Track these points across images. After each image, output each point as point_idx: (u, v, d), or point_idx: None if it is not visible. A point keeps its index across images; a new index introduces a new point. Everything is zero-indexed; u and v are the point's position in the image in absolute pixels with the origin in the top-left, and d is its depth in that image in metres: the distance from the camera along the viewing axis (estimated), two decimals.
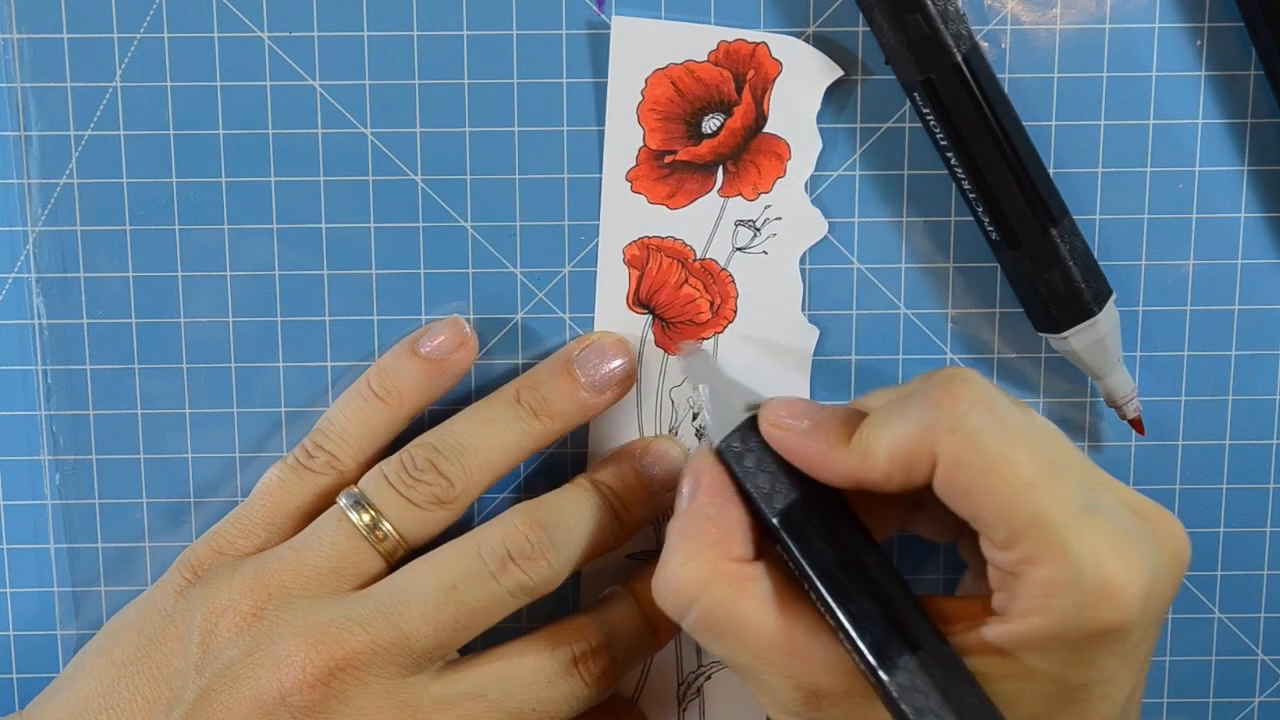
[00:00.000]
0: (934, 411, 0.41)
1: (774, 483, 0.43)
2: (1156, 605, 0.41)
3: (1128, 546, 0.40)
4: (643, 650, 0.49)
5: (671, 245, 0.50)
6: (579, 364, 0.49)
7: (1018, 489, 0.39)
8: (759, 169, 0.49)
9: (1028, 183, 0.46)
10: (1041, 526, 0.39)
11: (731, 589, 0.42)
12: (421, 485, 0.47)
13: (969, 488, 0.40)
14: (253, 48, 0.49)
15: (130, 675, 0.47)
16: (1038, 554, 0.39)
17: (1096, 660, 0.40)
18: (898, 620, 0.41)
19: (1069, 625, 0.39)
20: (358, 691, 0.45)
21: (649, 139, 0.49)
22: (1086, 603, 0.39)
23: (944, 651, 0.40)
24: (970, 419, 0.40)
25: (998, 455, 0.40)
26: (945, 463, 0.40)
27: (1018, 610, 0.40)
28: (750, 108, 0.49)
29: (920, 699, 0.39)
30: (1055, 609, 0.39)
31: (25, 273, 0.50)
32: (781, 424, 0.43)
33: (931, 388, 0.41)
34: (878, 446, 0.41)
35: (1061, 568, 0.39)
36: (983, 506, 0.40)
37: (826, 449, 0.42)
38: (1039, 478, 0.40)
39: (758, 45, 0.48)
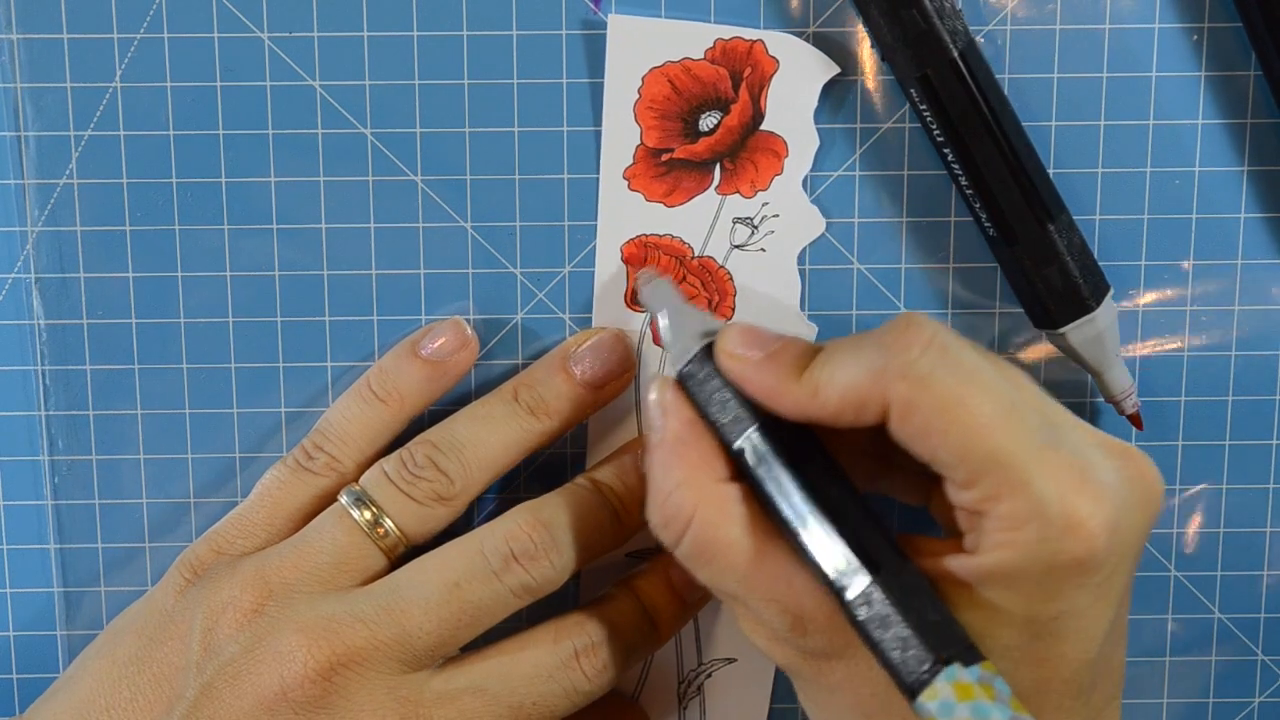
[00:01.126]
0: (885, 355, 0.41)
1: (732, 410, 0.43)
2: (1126, 538, 0.40)
3: (1091, 479, 0.40)
4: (643, 646, 0.49)
5: (669, 243, 0.50)
6: (576, 361, 0.49)
7: (974, 428, 0.40)
8: (756, 167, 0.49)
9: (1024, 178, 0.46)
10: (1001, 464, 0.39)
11: (717, 510, 0.43)
12: (422, 482, 0.47)
13: (924, 430, 0.40)
14: (253, 48, 0.49)
15: (131, 675, 0.47)
16: (999, 490, 0.39)
17: (1065, 593, 0.40)
18: (859, 542, 0.41)
19: (1034, 558, 0.39)
20: (359, 687, 0.45)
21: (646, 137, 0.49)
22: (1050, 535, 0.39)
23: (906, 569, 0.41)
24: (922, 363, 0.40)
25: (952, 397, 0.40)
26: (897, 407, 0.40)
27: (984, 545, 0.40)
28: (747, 105, 0.49)
29: (880, 614, 0.40)
30: (1019, 542, 0.39)
31: (24, 273, 0.50)
32: (734, 353, 0.43)
33: (884, 332, 0.41)
34: (829, 386, 0.41)
35: (1023, 502, 0.39)
36: (939, 447, 0.40)
37: (777, 382, 0.42)
38: (996, 416, 0.40)
39: (754, 43, 0.48)
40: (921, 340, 0.41)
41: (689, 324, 0.45)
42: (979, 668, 0.39)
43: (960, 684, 0.38)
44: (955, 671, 0.39)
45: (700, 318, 0.45)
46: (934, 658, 0.39)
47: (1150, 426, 0.51)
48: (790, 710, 0.53)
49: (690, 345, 0.44)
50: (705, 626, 0.52)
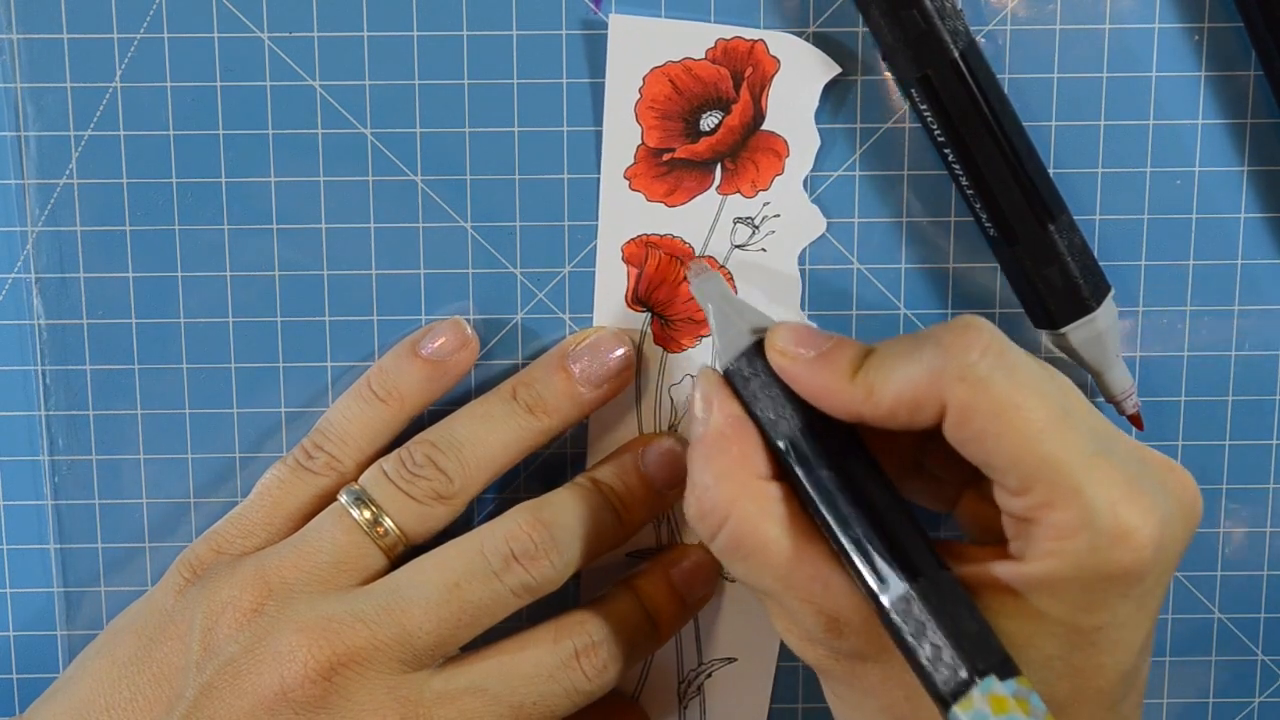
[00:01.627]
0: (944, 357, 0.40)
1: (779, 408, 0.43)
2: (1169, 551, 0.41)
3: (1140, 490, 0.40)
4: (643, 646, 0.49)
5: (670, 243, 0.50)
6: (575, 359, 0.49)
7: (1030, 434, 0.40)
8: (757, 166, 0.49)
9: (1025, 178, 0.46)
10: (1054, 470, 0.39)
11: (757, 507, 0.42)
12: (421, 481, 0.47)
13: (981, 434, 0.40)
14: (253, 48, 0.49)
15: (131, 675, 0.47)
16: (1051, 498, 0.39)
17: (1110, 604, 0.40)
18: (898, 547, 0.41)
19: (1083, 568, 0.39)
20: (359, 687, 0.45)
21: (647, 137, 0.49)
22: (1100, 545, 0.39)
23: (943, 578, 0.41)
24: (981, 366, 0.40)
25: (1009, 402, 0.40)
26: (955, 410, 0.40)
27: (1032, 554, 0.40)
28: (748, 105, 0.49)
29: (918, 622, 0.40)
30: (1069, 551, 0.39)
31: (24, 273, 0.50)
32: (788, 352, 0.43)
33: (943, 333, 0.41)
34: (884, 386, 0.41)
35: (1075, 511, 0.39)
36: (995, 453, 0.40)
37: (831, 381, 0.42)
38: (1051, 423, 0.40)
39: (755, 42, 0.48)
40: (981, 343, 0.41)
41: (739, 319, 0.45)
42: (1015, 681, 0.39)
43: (995, 696, 0.38)
44: (991, 684, 0.38)
45: (751, 313, 0.45)
46: (970, 668, 0.39)
47: (1150, 427, 0.51)
48: (790, 710, 0.53)
49: (740, 341, 0.44)
50: (705, 626, 0.52)
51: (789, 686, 0.53)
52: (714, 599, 0.51)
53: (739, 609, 0.52)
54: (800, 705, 0.53)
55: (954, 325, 0.41)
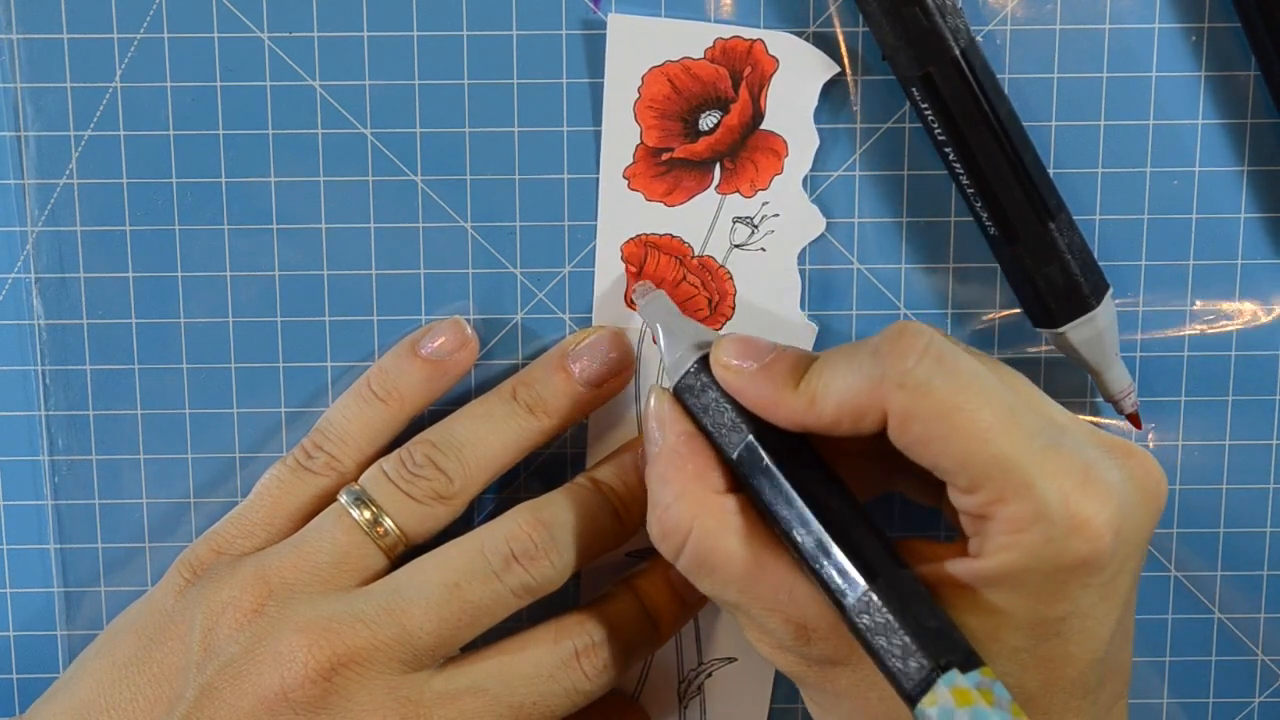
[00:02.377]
0: (881, 365, 0.41)
1: (730, 420, 0.43)
2: (1131, 536, 0.41)
3: (1094, 479, 0.40)
4: (643, 646, 0.49)
5: (669, 242, 0.50)
6: (574, 359, 0.49)
7: (974, 434, 0.40)
8: (756, 166, 0.49)
9: (1025, 177, 0.46)
10: (1003, 468, 0.39)
11: (716, 521, 0.43)
12: (421, 481, 0.47)
13: (924, 438, 0.40)
14: (253, 48, 0.49)
15: (131, 675, 0.47)
16: (1002, 494, 0.40)
17: (1071, 594, 0.40)
18: (856, 549, 0.41)
19: (1039, 559, 0.40)
20: (359, 687, 0.45)
21: (646, 136, 0.49)
22: (1055, 536, 0.39)
23: (902, 576, 0.41)
24: (918, 371, 0.40)
25: (951, 404, 0.40)
26: (896, 417, 0.40)
27: (989, 548, 0.40)
28: (747, 105, 0.49)
29: (879, 622, 0.40)
30: (1024, 544, 0.40)
31: (24, 273, 0.50)
32: (730, 365, 0.44)
33: (880, 341, 0.41)
34: (825, 396, 0.42)
35: (1027, 504, 0.39)
36: (940, 455, 0.40)
37: (774, 392, 0.43)
38: (996, 421, 0.40)
39: (754, 42, 0.48)
40: (917, 348, 0.41)
41: (685, 335, 0.46)
42: (978, 673, 0.39)
43: (959, 689, 0.38)
44: (954, 677, 0.39)
45: (695, 329, 0.46)
46: (932, 664, 0.39)
47: (1150, 426, 0.51)
48: (790, 710, 0.53)
49: (686, 357, 0.45)
50: (705, 626, 0.52)
51: (789, 686, 0.53)
52: None
53: None
54: (800, 705, 0.53)
55: (890, 332, 0.42)
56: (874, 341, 0.42)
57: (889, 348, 0.41)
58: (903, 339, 0.41)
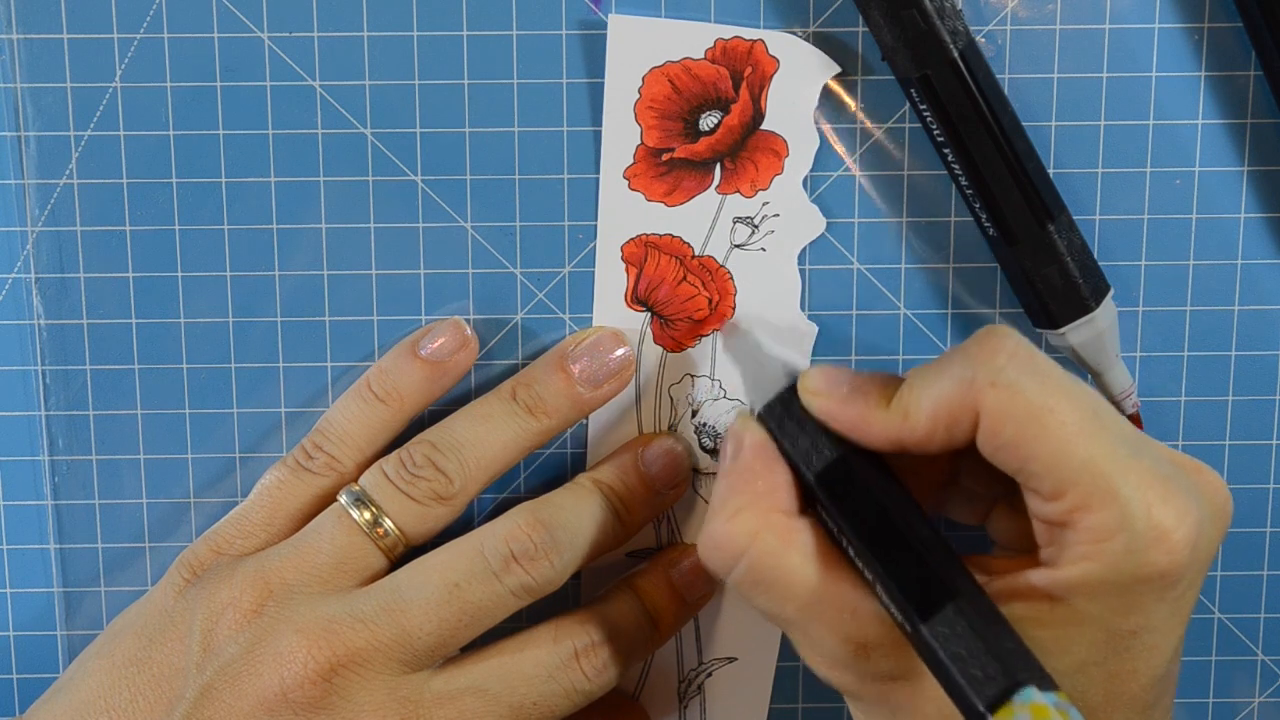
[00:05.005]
0: (973, 367, 0.41)
1: (813, 444, 0.43)
2: (1204, 553, 0.41)
3: (1174, 492, 0.40)
4: (643, 646, 0.49)
5: (669, 242, 0.50)
6: (574, 359, 0.49)
7: (1064, 437, 0.39)
8: (757, 166, 0.49)
9: (1024, 178, 0.46)
10: (1090, 472, 0.39)
11: (779, 540, 0.42)
12: (421, 482, 0.47)
13: (1015, 439, 0.40)
14: (253, 48, 0.49)
15: (131, 676, 0.47)
16: (1087, 500, 0.39)
17: (1146, 607, 0.40)
18: (934, 570, 0.41)
19: (1120, 570, 0.39)
20: (359, 688, 0.45)
21: (646, 137, 0.49)
22: (1137, 547, 0.39)
23: (979, 600, 0.40)
24: (1009, 371, 0.40)
25: (1042, 405, 0.40)
26: (989, 416, 0.40)
27: (1068, 558, 0.40)
28: (747, 105, 0.49)
29: (956, 644, 0.39)
30: (1106, 553, 0.39)
31: (24, 273, 0.50)
32: (820, 390, 0.43)
33: (969, 345, 0.41)
34: (918, 406, 0.41)
35: (1112, 513, 0.39)
36: (1030, 457, 0.40)
37: (867, 411, 0.42)
38: (1084, 425, 0.40)
39: (755, 42, 0.48)
40: (1007, 349, 0.41)
41: (771, 365, 0.45)
42: (1055, 694, 0.38)
43: (1036, 705, 0.38)
44: (1031, 694, 0.38)
45: (781, 359, 0.46)
46: (1009, 679, 0.38)
47: (1150, 426, 0.51)
48: (790, 710, 0.53)
49: (774, 384, 0.45)
50: (705, 626, 0.52)
51: (789, 686, 0.53)
52: (714, 599, 0.51)
53: (739, 609, 0.52)
54: (800, 705, 0.53)
55: (979, 335, 0.42)
56: (962, 347, 0.42)
57: (978, 349, 0.41)
58: (991, 340, 0.41)
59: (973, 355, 0.41)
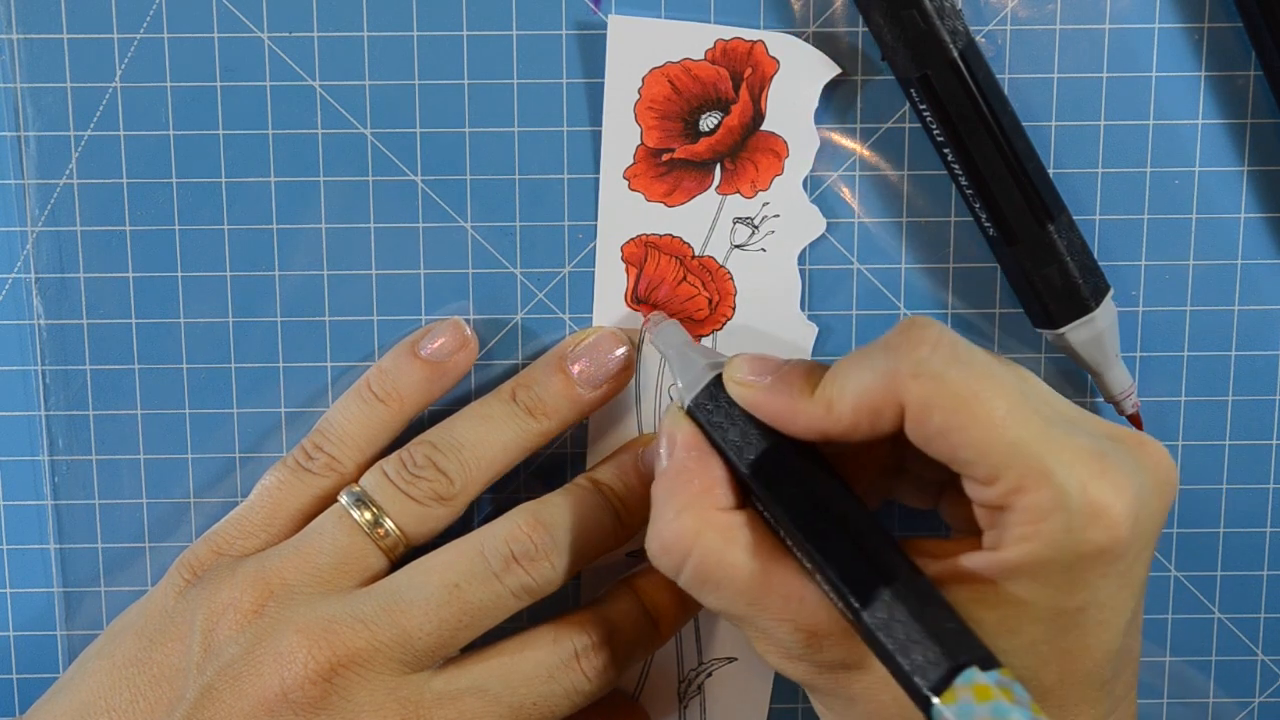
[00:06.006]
0: (895, 358, 0.41)
1: (744, 436, 0.44)
2: (1146, 525, 0.41)
3: (1110, 466, 0.40)
4: (643, 646, 0.49)
5: (670, 242, 0.50)
6: (574, 360, 0.49)
7: (992, 422, 0.40)
8: (757, 167, 0.49)
9: (1024, 178, 0.46)
10: (1021, 455, 0.39)
11: (721, 538, 0.43)
12: (422, 482, 0.47)
13: (943, 428, 0.40)
14: (253, 48, 0.49)
15: (131, 676, 0.47)
16: (1021, 483, 0.39)
17: (1090, 583, 0.40)
18: (870, 557, 0.41)
19: (1060, 548, 0.39)
20: (359, 688, 0.45)
21: (646, 137, 0.49)
22: (1075, 524, 0.39)
23: (918, 583, 0.41)
24: (933, 361, 0.40)
25: (967, 392, 0.40)
26: (914, 408, 0.40)
27: (1008, 540, 0.40)
28: (748, 106, 0.49)
29: (898, 630, 0.39)
30: (1044, 533, 0.39)
31: (24, 273, 0.50)
32: (745, 380, 0.44)
33: (890, 336, 0.42)
34: (842, 397, 0.42)
35: (1046, 492, 0.39)
36: (960, 445, 0.40)
37: (790, 402, 0.43)
38: (1011, 409, 0.40)
39: (755, 43, 0.48)
40: (929, 339, 0.41)
41: (697, 360, 0.46)
42: (997, 672, 0.38)
43: (979, 686, 0.38)
44: (973, 674, 0.38)
45: (708, 354, 0.46)
46: (951, 663, 0.38)
47: (1150, 426, 0.51)
48: (790, 710, 0.53)
49: (700, 378, 0.45)
50: (705, 626, 0.52)
51: (789, 686, 0.53)
52: None
53: None
54: (800, 705, 0.53)
55: (901, 326, 0.42)
56: (885, 338, 0.42)
57: (900, 340, 0.41)
58: (913, 331, 0.41)
59: (895, 347, 0.41)
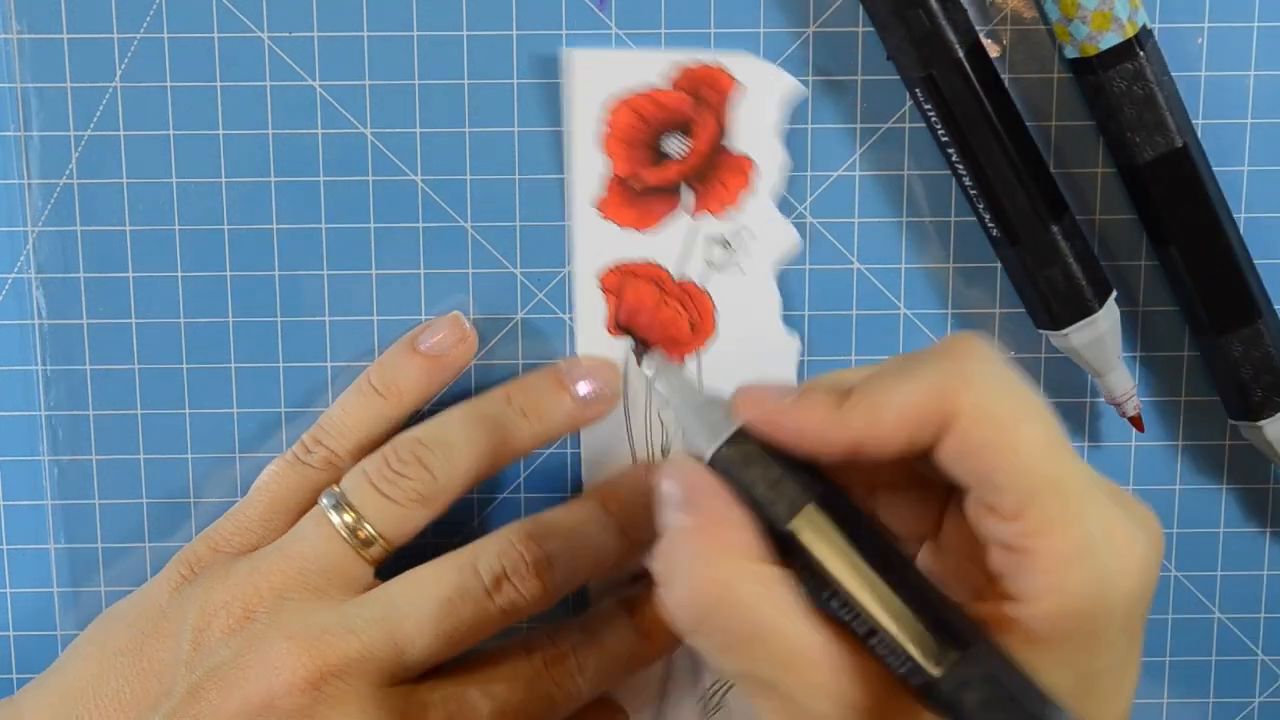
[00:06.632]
0: (948, 368, 0.37)
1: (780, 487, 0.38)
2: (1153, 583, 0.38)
3: (1125, 519, 0.37)
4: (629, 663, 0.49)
5: (646, 268, 0.50)
6: (568, 375, 0.49)
7: (1035, 451, 0.37)
8: (725, 186, 0.49)
9: (1029, 179, 0.46)
10: (1057, 492, 0.36)
11: (763, 590, 0.37)
12: (404, 480, 0.47)
13: (986, 445, 0.37)
14: (253, 48, 0.49)
15: (120, 667, 0.47)
16: (1049, 524, 0.36)
17: (1112, 641, 0.37)
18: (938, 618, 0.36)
19: (1089, 598, 0.36)
20: (348, 698, 0.45)
21: (616, 167, 0.49)
22: (1103, 575, 0.36)
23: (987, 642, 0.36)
24: (988, 376, 0.37)
25: (1015, 415, 0.37)
26: (964, 418, 0.37)
27: (1033, 590, 0.36)
28: (712, 127, 0.49)
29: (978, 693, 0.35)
30: (1073, 583, 0.36)
31: (25, 272, 0.50)
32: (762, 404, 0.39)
33: (938, 349, 0.39)
34: (886, 404, 0.37)
35: (1077, 538, 0.36)
36: (997, 467, 0.37)
37: (825, 414, 0.38)
38: (1051, 444, 0.37)
39: (714, 66, 0.48)
40: (981, 354, 0.38)
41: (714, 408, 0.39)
42: None
43: None
44: None
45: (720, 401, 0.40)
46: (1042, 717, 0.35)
47: (1151, 427, 0.51)
48: None
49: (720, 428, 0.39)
50: None
51: None
52: None
53: None
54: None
55: (950, 340, 0.39)
56: (933, 349, 0.39)
57: (951, 350, 0.38)
58: (966, 343, 0.38)
59: (948, 355, 0.38)
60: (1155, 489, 0.51)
